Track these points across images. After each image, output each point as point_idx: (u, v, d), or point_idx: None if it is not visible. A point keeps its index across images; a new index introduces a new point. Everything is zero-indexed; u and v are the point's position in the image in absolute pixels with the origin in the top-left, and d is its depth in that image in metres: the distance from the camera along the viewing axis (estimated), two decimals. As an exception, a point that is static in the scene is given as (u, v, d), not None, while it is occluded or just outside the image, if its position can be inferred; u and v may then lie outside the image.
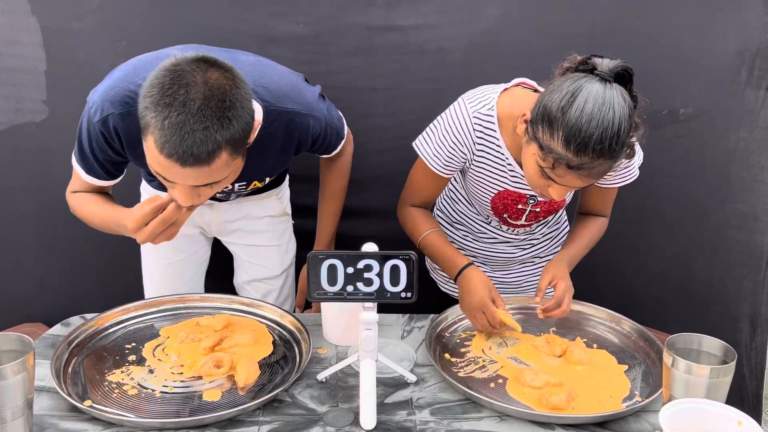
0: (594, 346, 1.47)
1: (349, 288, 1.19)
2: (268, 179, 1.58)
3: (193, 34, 1.70)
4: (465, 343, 1.47)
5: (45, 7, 1.83)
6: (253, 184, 1.54)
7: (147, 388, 1.26)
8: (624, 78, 1.24)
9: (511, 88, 1.46)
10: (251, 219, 1.73)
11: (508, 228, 1.66)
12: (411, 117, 1.88)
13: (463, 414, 1.24)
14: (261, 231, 1.75)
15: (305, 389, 1.30)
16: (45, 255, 2.06)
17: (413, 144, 1.53)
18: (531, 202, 1.55)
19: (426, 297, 1.44)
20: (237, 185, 1.51)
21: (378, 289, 1.19)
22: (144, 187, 1.73)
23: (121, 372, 1.31)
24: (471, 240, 1.71)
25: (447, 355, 1.42)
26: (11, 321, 1.94)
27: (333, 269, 1.18)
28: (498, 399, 1.26)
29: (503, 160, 1.47)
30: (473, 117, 1.43)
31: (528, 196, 1.53)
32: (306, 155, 1.54)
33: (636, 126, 1.24)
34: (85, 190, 1.42)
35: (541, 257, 1.74)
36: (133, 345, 1.40)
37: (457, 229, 1.72)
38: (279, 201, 1.78)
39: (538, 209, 1.57)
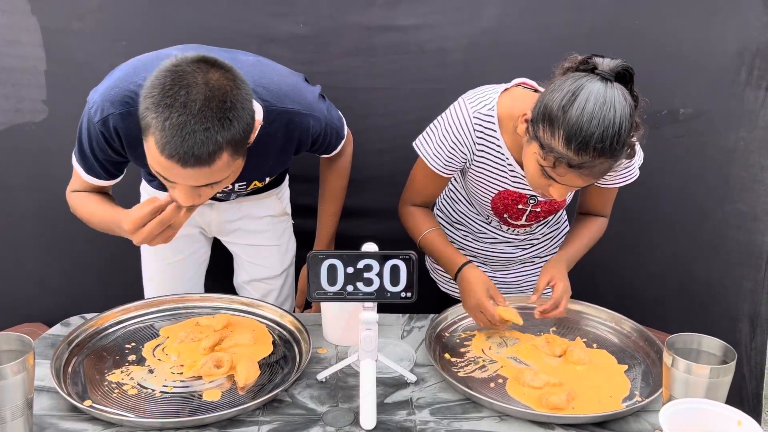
0: (594, 346, 1.47)
1: (349, 288, 1.19)
2: (268, 179, 1.58)
3: (193, 34, 1.70)
4: (465, 343, 1.47)
5: (45, 7, 1.83)
6: (253, 184, 1.54)
7: (147, 388, 1.26)
8: (625, 77, 1.24)
9: (512, 88, 1.46)
10: (251, 219, 1.73)
11: (508, 228, 1.66)
12: (411, 117, 1.88)
13: (463, 414, 1.24)
14: (261, 231, 1.75)
15: (305, 389, 1.30)
16: (45, 255, 2.06)
17: (413, 144, 1.53)
18: (531, 202, 1.55)
19: (426, 297, 1.44)
20: (237, 185, 1.51)
21: (378, 289, 1.19)
22: (144, 187, 1.73)
23: (121, 372, 1.31)
24: (471, 240, 1.71)
25: (447, 355, 1.42)
26: (11, 321, 1.93)
27: (333, 269, 1.18)
28: (498, 399, 1.26)
29: (503, 160, 1.47)
30: (473, 117, 1.43)
31: (528, 196, 1.53)
32: (306, 155, 1.54)
33: (637, 126, 1.25)
34: (85, 189, 1.42)
35: (541, 257, 1.74)
36: (133, 345, 1.40)
37: (457, 229, 1.72)
38: (279, 201, 1.78)
39: (538, 209, 1.57)
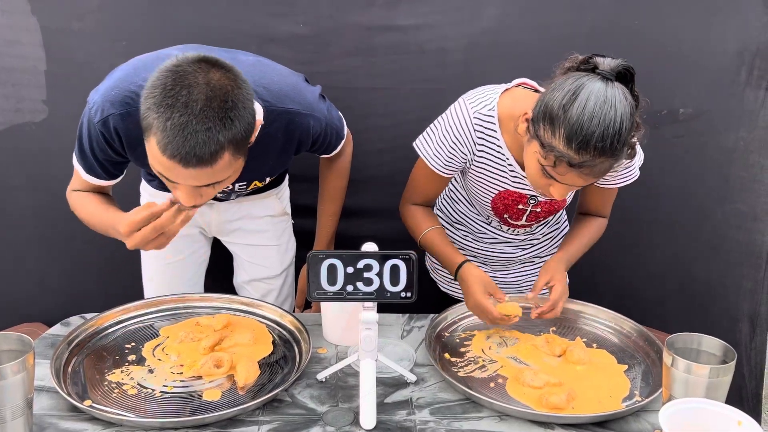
0: (594, 345, 1.47)
1: (349, 288, 1.19)
2: (268, 179, 1.58)
3: (193, 34, 1.70)
4: (465, 343, 1.47)
5: (45, 7, 1.83)
6: (254, 183, 1.54)
7: (147, 387, 1.26)
8: (625, 77, 1.24)
9: (512, 88, 1.46)
10: (251, 218, 1.73)
11: (508, 228, 1.66)
12: (411, 117, 1.88)
13: (463, 414, 1.24)
14: (261, 230, 1.75)
15: (305, 389, 1.30)
16: (45, 255, 2.06)
17: (414, 144, 1.53)
18: (532, 202, 1.55)
19: (426, 297, 1.44)
20: (237, 185, 1.52)
21: (378, 289, 1.19)
22: (144, 187, 1.73)
23: (121, 372, 1.31)
24: (471, 240, 1.71)
25: (447, 355, 1.42)
26: (11, 321, 1.94)
27: (333, 269, 1.18)
28: (498, 399, 1.26)
29: (504, 160, 1.47)
30: (474, 117, 1.43)
31: (529, 196, 1.53)
32: (306, 155, 1.54)
33: (637, 126, 1.25)
34: (86, 189, 1.42)
35: (541, 257, 1.74)
36: (133, 345, 1.40)
37: (457, 229, 1.72)
38: (279, 200, 1.78)
39: (538, 209, 1.57)
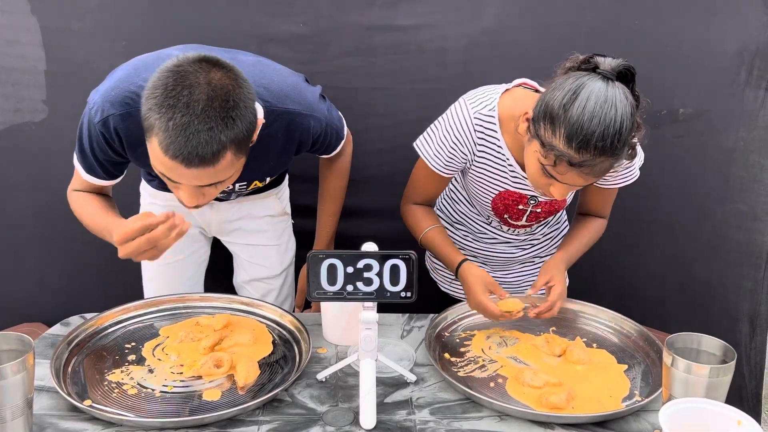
0: (594, 345, 1.47)
1: (349, 287, 1.19)
2: (268, 179, 1.58)
3: (193, 34, 1.70)
4: (465, 343, 1.47)
5: (45, 7, 1.83)
6: (254, 183, 1.54)
7: (147, 387, 1.26)
8: (626, 77, 1.24)
9: (513, 88, 1.46)
10: (251, 218, 1.73)
11: (508, 228, 1.66)
12: (411, 117, 1.88)
13: (463, 414, 1.24)
14: (261, 230, 1.75)
15: (305, 389, 1.30)
16: (45, 255, 2.06)
17: (414, 144, 1.53)
18: (532, 202, 1.55)
19: (426, 297, 1.44)
20: (238, 185, 1.52)
21: (378, 289, 1.19)
22: (144, 187, 1.73)
23: (121, 372, 1.31)
24: (471, 240, 1.71)
25: (447, 355, 1.42)
26: (11, 321, 1.94)
27: (333, 269, 1.18)
28: (498, 398, 1.26)
29: (504, 160, 1.47)
30: (474, 117, 1.43)
31: (529, 196, 1.53)
32: (306, 155, 1.54)
33: (638, 126, 1.25)
34: (86, 189, 1.42)
35: (541, 257, 1.74)
36: (133, 345, 1.40)
37: (458, 229, 1.72)
38: (278, 200, 1.78)
39: (538, 210, 1.57)
